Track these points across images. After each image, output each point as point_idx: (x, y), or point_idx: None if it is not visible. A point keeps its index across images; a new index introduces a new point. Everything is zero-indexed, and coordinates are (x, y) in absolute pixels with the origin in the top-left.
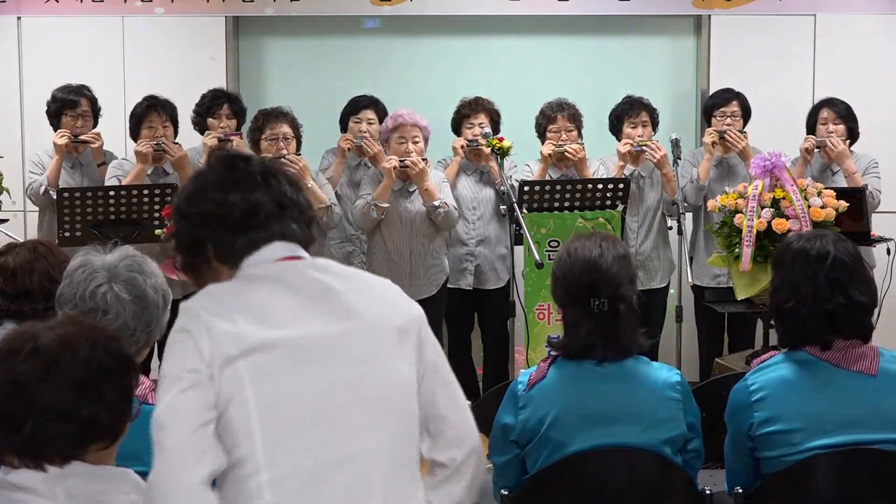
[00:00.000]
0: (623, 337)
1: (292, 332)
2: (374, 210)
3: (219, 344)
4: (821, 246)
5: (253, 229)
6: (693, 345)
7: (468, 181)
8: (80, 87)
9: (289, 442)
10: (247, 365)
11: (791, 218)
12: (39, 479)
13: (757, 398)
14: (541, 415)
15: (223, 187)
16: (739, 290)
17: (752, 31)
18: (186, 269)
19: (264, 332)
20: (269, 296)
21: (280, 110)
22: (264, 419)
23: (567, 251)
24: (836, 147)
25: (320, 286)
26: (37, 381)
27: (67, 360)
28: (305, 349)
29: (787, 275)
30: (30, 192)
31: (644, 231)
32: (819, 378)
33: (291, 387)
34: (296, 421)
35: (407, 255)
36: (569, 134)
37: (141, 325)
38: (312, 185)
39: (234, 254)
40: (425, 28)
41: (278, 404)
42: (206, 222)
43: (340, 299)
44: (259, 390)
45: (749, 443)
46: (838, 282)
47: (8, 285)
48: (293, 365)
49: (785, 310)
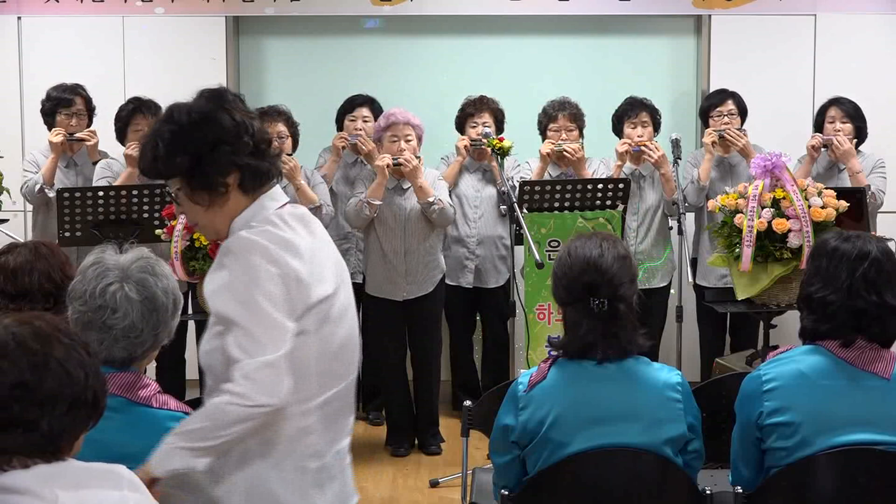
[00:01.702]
0: (623, 337)
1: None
2: (367, 208)
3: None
4: (862, 244)
5: (268, 157)
6: (693, 345)
7: (471, 179)
8: (75, 85)
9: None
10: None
11: (791, 218)
12: (32, 480)
13: (769, 388)
14: (541, 415)
15: (232, 110)
16: (740, 290)
17: (752, 31)
18: (197, 206)
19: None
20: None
21: (276, 109)
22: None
23: (567, 251)
24: (842, 146)
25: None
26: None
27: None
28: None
29: (823, 266)
30: (24, 191)
31: (643, 231)
32: (834, 375)
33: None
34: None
35: (402, 253)
36: (569, 133)
37: (148, 328)
38: (302, 184)
39: (260, 180)
40: (425, 28)
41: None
42: (235, 147)
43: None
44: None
45: (756, 433)
46: (874, 282)
47: (8, 285)
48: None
49: (815, 299)
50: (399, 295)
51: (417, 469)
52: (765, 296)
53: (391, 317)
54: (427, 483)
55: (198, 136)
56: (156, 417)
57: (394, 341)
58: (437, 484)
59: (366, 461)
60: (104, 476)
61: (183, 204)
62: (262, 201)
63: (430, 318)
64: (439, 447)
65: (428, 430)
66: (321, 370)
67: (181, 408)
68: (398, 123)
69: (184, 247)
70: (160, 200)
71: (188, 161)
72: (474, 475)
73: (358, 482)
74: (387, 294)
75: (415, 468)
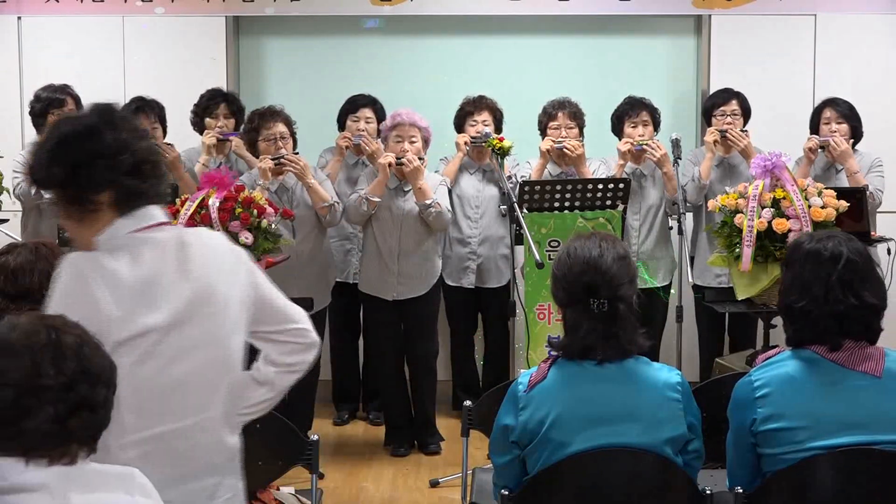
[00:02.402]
0: (623, 337)
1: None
2: (366, 204)
3: None
4: (833, 246)
5: (149, 179)
6: (693, 345)
7: (471, 179)
8: (64, 86)
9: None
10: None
11: (791, 218)
12: (50, 479)
13: (760, 394)
14: (541, 416)
15: (117, 127)
16: (740, 290)
17: (752, 31)
18: (70, 219)
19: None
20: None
21: (273, 109)
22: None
23: (567, 251)
24: (839, 146)
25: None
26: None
27: None
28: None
29: (798, 274)
30: (19, 192)
31: (646, 230)
32: (824, 377)
33: None
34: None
35: (396, 253)
36: (569, 131)
37: None
38: (313, 183)
39: (136, 201)
40: (425, 28)
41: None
42: (112, 164)
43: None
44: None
45: (751, 439)
46: (850, 283)
47: (8, 285)
48: None
49: (796, 309)
50: (389, 294)
51: (417, 469)
52: (764, 296)
53: (384, 315)
54: (427, 483)
55: (76, 149)
56: None
57: (388, 340)
58: (437, 484)
59: (366, 461)
60: (117, 479)
61: (60, 214)
62: (122, 222)
63: (423, 320)
64: (439, 447)
65: (425, 431)
66: (138, 406)
67: None
68: (404, 124)
69: None
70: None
71: (63, 173)
72: (474, 475)
73: (358, 482)
74: (377, 292)
75: (415, 468)
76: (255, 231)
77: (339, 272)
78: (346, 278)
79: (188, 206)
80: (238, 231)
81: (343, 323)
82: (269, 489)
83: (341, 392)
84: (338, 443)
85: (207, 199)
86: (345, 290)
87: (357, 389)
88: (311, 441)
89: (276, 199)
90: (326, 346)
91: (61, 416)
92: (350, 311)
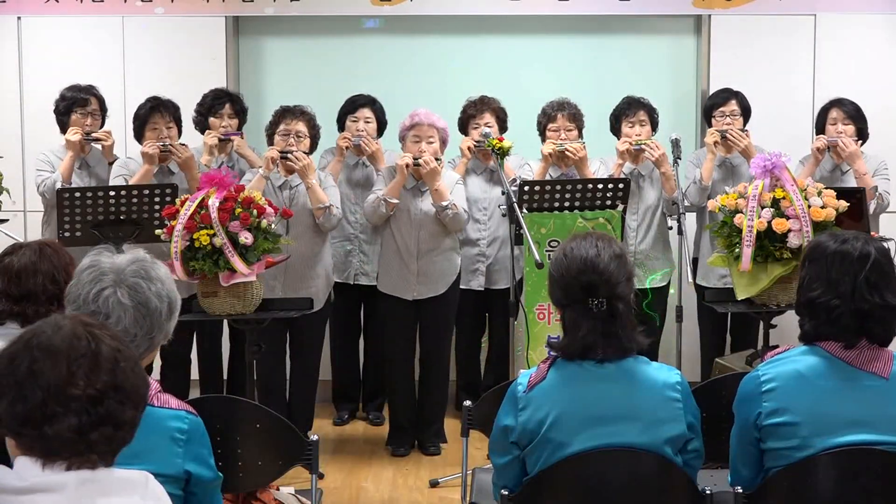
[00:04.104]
0: (622, 336)
1: None
2: (384, 206)
3: None
4: (862, 246)
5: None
6: (693, 345)
7: (478, 181)
8: (89, 86)
9: None
10: None
11: (791, 218)
12: (68, 482)
13: (767, 388)
14: (541, 416)
15: None
16: (740, 290)
17: (752, 31)
18: None
19: None
20: None
21: (300, 108)
22: None
23: (563, 252)
24: (848, 147)
25: None
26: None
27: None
28: None
29: (823, 271)
30: (44, 188)
31: (643, 230)
32: (832, 376)
33: None
34: None
35: (415, 253)
36: (569, 133)
37: (142, 332)
38: (313, 184)
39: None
40: (425, 28)
41: None
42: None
43: None
44: None
45: (755, 433)
46: (877, 284)
47: (12, 286)
48: None
49: (819, 304)
50: (409, 294)
51: (417, 469)
52: (765, 296)
53: (402, 316)
54: (427, 483)
55: None
56: (157, 416)
57: (403, 340)
58: (437, 484)
59: (366, 461)
60: (133, 485)
61: None
62: None
63: (440, 320)
64: (438, 448)
65: (430, 431)
66: None
67: (182, 406)
68: (422, 124)
69: (183, 247)
70: (160, 201)
71: None
72: (474, 475)
73: (358, 482)
74: (398, 292)
75: (415, 468)
76: (254, 231)
77: (339, 273)
78: (347, 279)
79: (188, 206)
80: (238, 231)
81: (343, 323)
82: (269, 489)
83: (341, 392)
84: (338, 443)
85: (207, 199)
86: (345, 291)
87: (357, 389)
88: (311, 441)
89: (275, 192)
90: (326, 346)
91: (84, 428)
92: (350, 312)
